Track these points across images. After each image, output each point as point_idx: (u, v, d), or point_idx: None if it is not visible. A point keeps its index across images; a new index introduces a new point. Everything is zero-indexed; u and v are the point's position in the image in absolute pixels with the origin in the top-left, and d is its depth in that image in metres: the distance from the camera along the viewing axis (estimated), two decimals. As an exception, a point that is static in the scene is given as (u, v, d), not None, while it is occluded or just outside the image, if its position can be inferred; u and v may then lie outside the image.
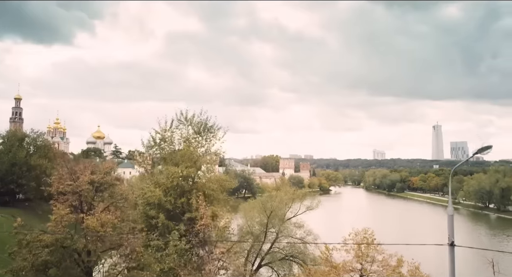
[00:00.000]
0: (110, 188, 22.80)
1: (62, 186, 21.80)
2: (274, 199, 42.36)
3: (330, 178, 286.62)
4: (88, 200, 22.80)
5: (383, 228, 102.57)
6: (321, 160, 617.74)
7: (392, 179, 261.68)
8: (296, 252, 42.36)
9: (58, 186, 21.98)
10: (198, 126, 35.57)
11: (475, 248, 53.29)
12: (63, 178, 22.38)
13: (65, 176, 22.58)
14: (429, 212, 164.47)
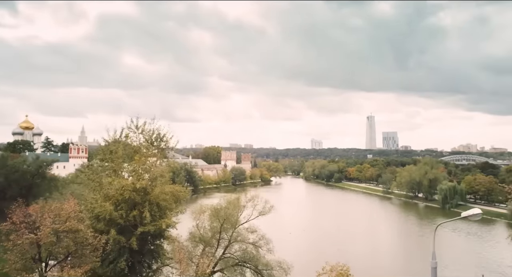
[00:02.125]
0: (73, 234, 20.69)
1: (20, 241, 19.26)
2: (228, 206, 41.72)
3: (271, 169, 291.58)
4: (51, 251, 20.52)
5: (325, 220, 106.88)
6: (261, 150, 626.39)
7: (331, 170, 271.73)
8: (248, 257, 42.31)
9: (16, 241, 19.41)
10: (149, 135, 33.91)
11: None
12: (20, 231, 19.81)
13: (21, 227, 19.94)
14: (365, 202, 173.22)
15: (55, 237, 20.02)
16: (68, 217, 20.89)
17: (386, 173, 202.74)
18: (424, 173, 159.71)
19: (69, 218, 20.86)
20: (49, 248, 20.58)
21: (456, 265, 55.56)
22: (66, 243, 20.58)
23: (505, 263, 57.04)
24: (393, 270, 61.23)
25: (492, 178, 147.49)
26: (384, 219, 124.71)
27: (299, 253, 66.20)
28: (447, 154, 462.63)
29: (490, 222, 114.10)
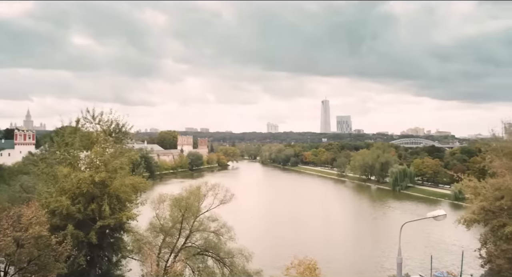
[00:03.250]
0: (35, 240, 19.31)
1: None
2: (189, 196, 41.25)
3: (228, 154, 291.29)
4: (12, 259, 19.04)
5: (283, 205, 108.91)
6: (217, 134, 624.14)
7: (287, 154, 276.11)
8: (210, 246, 42.33)
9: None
10: (107, 125, 32.57)
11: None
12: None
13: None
14: (321, 185, 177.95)
15: (16, 245, 18.81)
16: (30, 224, 19.62)
17: (340, 157, 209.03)
18: (377, 157, 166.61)
19: (31, 225, 19.60)
20: (10, 258, 19.32)
21: (407, 246, 58.62)
22: (27, 249, 19.41)
23: (450, 242, 61.01)
24: (349, 254, 63.76)
25: (438, 161, 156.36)
26: (339, 202, 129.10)
27: (259, 239, 67.10)
28: (397, 138, 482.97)
29: (436, 202, 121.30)
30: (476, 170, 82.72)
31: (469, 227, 34.41)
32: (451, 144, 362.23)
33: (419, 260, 51.76)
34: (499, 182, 31.64)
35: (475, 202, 34.92)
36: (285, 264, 25.40)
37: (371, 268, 53.86)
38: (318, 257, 29.56)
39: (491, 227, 32.17)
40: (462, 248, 46.27)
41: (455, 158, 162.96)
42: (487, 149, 38.90)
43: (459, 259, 46.73)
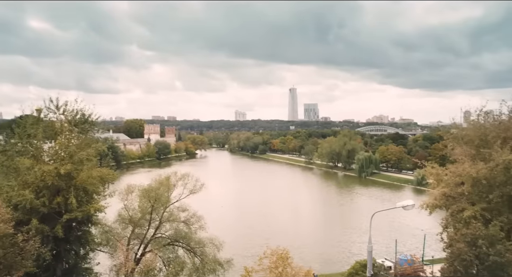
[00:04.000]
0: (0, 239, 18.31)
1: None
2: (158, 186, 40.71)
3: (196, 142, 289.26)
4: None
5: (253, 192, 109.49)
6: (185, 122, 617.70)
7: (255, 142, 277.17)
8: (180, 236, 42.14)
9: None
10: (72, 116, 31.39)
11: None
12: None
13: None
14: (289, 172, 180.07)
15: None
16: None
17: (308, 144, 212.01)
18: (343, 144, 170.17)
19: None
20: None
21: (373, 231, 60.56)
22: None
23: (413, 226, 63.44)
24: (318, 240, 65.11)
25: (401, 148, 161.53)
26: (307, 189, 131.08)
27: (230, 228, 67.40)
28: (362, 125, 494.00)
29: (400, 188, 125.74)
30: (437, 157, 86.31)
31: (432, 212, 35.91)
32: (414, 131, 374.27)
33: (384, 244, 53.65)
34: (460, 169, 33.00)
35: (437, 188, 36.41)
36: (256, 253, 25.69)
37: (339, 254, 55.33)
38: (288, 245, 30.00)
39: (451, 212, 33.64)
40: (425, 232, 48.31)
41: (417, 145, 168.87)
42: (448, 137, 40.47)
43: (422, 242, 48.82)
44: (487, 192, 31.82)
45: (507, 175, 30.00)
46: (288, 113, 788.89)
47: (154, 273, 34.06)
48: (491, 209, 31.22)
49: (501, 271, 20.31)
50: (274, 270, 22.91)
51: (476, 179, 30.99)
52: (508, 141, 33.39)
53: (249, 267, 24.77)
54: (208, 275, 41.34)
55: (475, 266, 20.73)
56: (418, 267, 40.30)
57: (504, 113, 36.35)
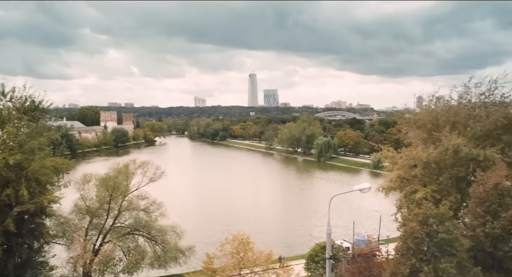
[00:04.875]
0: None
1: None
2: (116, 175, 39.67)
3: (155, 129, 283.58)
4: None
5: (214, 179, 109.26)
6: (143, 109, 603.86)
7: (215, 128, 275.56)
8: (140, 225, 41.53)
9: None
10: (21, 103, 29.72)
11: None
12: None
13: None
14: (249, 158, 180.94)
15: None
16: None
17: (268, 130, 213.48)
18: (303, 129, 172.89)
19: None
20: None
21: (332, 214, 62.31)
22: None
23: (370, 208, 65.88)
24: (279, 225, 66.19)
25: (359, 132, 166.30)
26: (267, 174, 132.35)
27: (191, 215, 67.12)
28: (321, 110, 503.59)
29: (358, 171, 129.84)
30: (392, 141, 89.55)
31: (387, 194, 37.38)
32: (370, 116, 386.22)
33: (343, 226, 55.37)
34: (413, 152, 34.42)
35: (392, 170, 37.87)
36: (218, 240, 25.76)
37: (300, 237, 56.59)
38: (250, 230, 30.31)
39: (405, 193, 35.18)
40: (380, 214, 50.30)
41: (374, 130, 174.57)
42: (401, 122, 42.04)
43: (378, 223, 50.83)
44: (437, 174, 33.47)
45: (455, 158, 31.60)
46: (248, 99, 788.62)
47: (114, 263, 33.36)
48: (441, 190, 32.91)
49: (449, 247, 21.54)
50: (236, 255, 23.11)
51: (427, 162, 32.45)
52: (457, 125, 35.13)
53: (211, 254, 24.81)
54: (169, 263, 41.18)
55: (426, 243, 21.83)
56: (374, 246, 41.98)
57: (454, 99, 38.13)
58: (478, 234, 23.05)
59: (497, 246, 22.89)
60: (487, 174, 24.85)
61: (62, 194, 32.07)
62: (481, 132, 33.97)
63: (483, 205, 23.65)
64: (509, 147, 33.85)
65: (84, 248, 34.55)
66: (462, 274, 20.99)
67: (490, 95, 36.21)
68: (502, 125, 33.22)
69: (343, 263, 32.21)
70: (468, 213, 25.73)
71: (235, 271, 22.60)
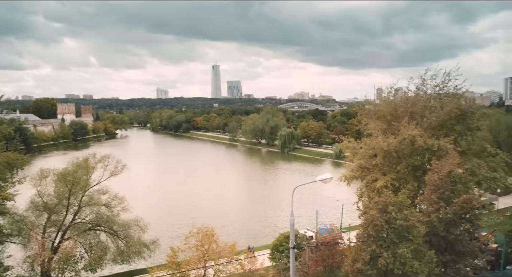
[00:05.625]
0: None
1: None
2: (76, 169, 38.40)
3: (116, 122, 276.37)
4: None
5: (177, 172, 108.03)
6: (103, 101, 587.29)
7: (178, 120, 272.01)
8: (102, 220, 40.49)
9: None
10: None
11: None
12: None
13: None
14: (213, 150, 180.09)
15: None
16: None
17: (232, 121, 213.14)
18: (266, 121, 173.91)
19: None
20: None
21: (297, 204, 63.29)
22: None
23: (333, 197, 67.35)
24: (244, 217, 66.51)
25: (321, 123, 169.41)
26: (232, 166, 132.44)
27: (155, 209, 66.24)
28: (284, 102, 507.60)
29: (321, 161, 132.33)
30: (353, 131, 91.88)
31: (349, 184, 38.43)
32: (333, 107, 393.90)
33: (307, 216, 56.48)
34: (373, 142, 35.51)
35: (353, 160, 38.93)
36: (183, 233, 25.61)
37: (265, 228, 57.15)
38: (215, 223, 30.35)
39: (366, 182, 36.32)
40: (342, 203, 51.67)
41: (336, 121, 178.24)
42: (361, 113, 43.20)
43: (340, 212, 52.23)
44: (396, 163, 34.77)
45: (412, 148, 32.90)
46: (211, 91, 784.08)
47: (75, 261, 32.39)
48: (399, 178, 34.26)
49: (407, 233, 22.51)
50: (200, 248, 23.09)
51: (387, 151, 33.59)
52: (415, 116, 36.55)
53: (175, 247, 24.63)
54: (133, 257, 40.52)
55: (385, 230, 22.66)
56: (337, 234, 43.12)
57: (411, 90, 39.59)
58: (433, 220, 24.16)
59: (450, 230, 24.10)
60: (441, 163, 26.02)
61: (16, 190, 30.73)
62: (436, 122, 35.51)
63: (437, 192, 24.77)
64: (461, 136, 35.66)
65: (42, 246, 33.29)
66: (418, 258, 21.99)
67: (444, 87, 37.91)
68: (455, 115, 34.87)
69: (306, 251, 32.93)
70: (424, 200, 26.84)
71: (200, 264, 22.59)
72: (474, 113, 35.88)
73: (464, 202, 24.00)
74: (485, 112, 37.74)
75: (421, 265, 21.63)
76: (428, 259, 22.19)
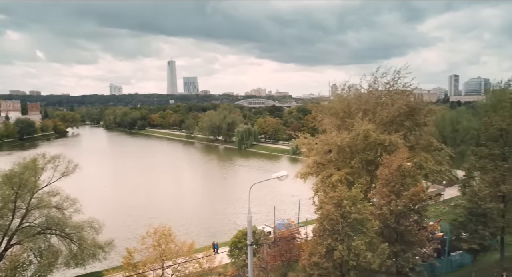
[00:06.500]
0: None
1: None
2: (22, 171, 36.49)
3: (67, 119, 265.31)
4: None
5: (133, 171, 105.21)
6: (52, 97, 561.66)
7: (133, 117, 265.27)
8: (53, 223, 38.84)
9: None
10: None
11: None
12: None
13: None
14: (170, 148, 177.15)
15: None
16: None
17: (188, 118, 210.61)
18: (223, 117, 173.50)
19: None
20: None
21: (255, 201, 63.75)
22: None
23: (292, 193, 68.27)
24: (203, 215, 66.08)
25: (278, 119, 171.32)
26: (189, 164, 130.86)
27: (111, 209, 64.34)
28: (241, 98, 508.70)
29: (278, 157, 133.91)
30: (309, 128, 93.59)
31: (306, 179, 39.17)
32: (289, 104, 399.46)
33: (265, 212, 56.94)
34: (328, 138, 36.40)
35: (309, 156, 39.73)
36: (141, 233, 25.07)
37: (224, 226, 57.07)
38: (174, 222, 30.02)
39: (321, 177, 37.20)
40: (300, 198, 52.56)
41: (292, 117, 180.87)
42: (315, 110, 44.12)
43: (298, 207, 53.14)
44: (350, 158, 35.88)
45: (365, 143, 34.09)
46: (167, 87, 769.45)
47: (24, 267, 30.76)
48: (353, 173, 35.40)
49: (360, 226, 23.35)
50: (157, 248, 22.74)
51: (341, 146, 34.58)
52: (367, 112, 37.80)
53: (131, 248, 24.09)
54: (87, 260, 39.25)
55: (340, 223, 23.33)
56: (294, 229, 43.95)
57: (364, 88, 40.97)
58: (384, 212, 25.21)
59: (400, 221, 25.27)
60: (391, 158, 27.14)
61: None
62: (387, 119, 36.94)
63: (388, 185, 25.85)
64: (410, 132, 37.40)
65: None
66: (371, 249, 22.89)
67: (394, 84, 39.48)
68: (405, 112, 36.46)
69: (265, 247, 33.29)
70: (376, 194, 27.89)
71: (157, 264, 22.25)
72: (421, 110, 37.71)
73: (413, 194, 25.24)
74: (431, 108, 39.80)
75: (374, 256, 22.52)
76: (381, 251, 23.14)
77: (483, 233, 29.19)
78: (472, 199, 30.17)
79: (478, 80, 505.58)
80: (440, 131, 72.16)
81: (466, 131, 72.48)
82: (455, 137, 77.35)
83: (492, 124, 32.70)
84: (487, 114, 35.73)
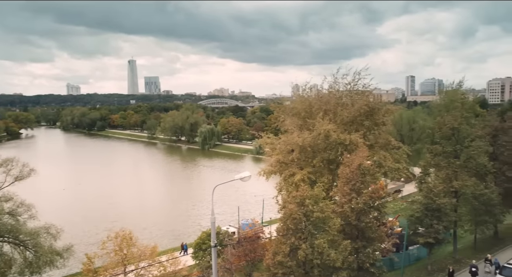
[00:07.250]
0: None
1: None
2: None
3: (20, 120, 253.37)
4: None
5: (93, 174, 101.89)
6: (3, 97, 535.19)
7: (92, 118, 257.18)
8: (5, 230, 36.91)
9: None
10: None
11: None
12: None
13: None
14: (131, 149, 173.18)
15: None
16: None
17: (150, 119, 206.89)
18: (186, 117, 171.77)
19: None
20: None
21: (220, 202, 63.60)
22: None
23: (256, 193, 68.63)
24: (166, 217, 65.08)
25: (241, 119, 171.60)
26: (152, 165, 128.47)
27: (70, 214, 62.06)
28: (204, 98, 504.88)
29: (242, 157, 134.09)
30: (273, 127, 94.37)
31: (268, 178, 39.45)
32: (252, 104, 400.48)
33: (230, 213, 56.97)
34: (290, 138, 36.82)
35: (272, 156, 40.01)
36: (102, 238, 24.38)
37: (189, 228, 56.47)
38: (137, 225, 29.39)
39: (284, 176, 37.56)
40: (264, 197, 52.90)
41: (255, 117, 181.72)
42: (278, 111, 44.49)
43: (262, 207, 53.45)
44: (312, 158, 36.42)
45: (326, 142, 34.73)
46: (128, 87, 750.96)
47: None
48: (315, 172, 35.96)
49: (323, 224, 23.82)
50: (119, 252, 22.18)
51: (303, 146, 35.05)
52: (328, 113, 38.52)
53: (91, 253, 23.37)
54: (44, 268, 37.61)
55: (303, 222, 23.66)
56: (258, 229, 44.21)
57: (325, 88, 41.72)
58: (346, 210, 25.83)
59: (360, 218, 25.97)
60: (352, 156, 27.85)
61: None
62: (348, 118, 37.76)
63: (349, 183, 26.50)
64: (369, 131, 38.45)
65: None
66: (334, 247, 23.40)
67: (355, 85, 40.43)
68: (364, 111, 37.42)
69: (229, 248, 33.24)
70: (337, 192, 28.50)
71: (119, 269, 21.70)
72: (380, 109, 38.84)
73: (373, 192, 26.04)
74: (389, 108, 41.05)
75: (337, 253, 23.02)
76: (343, 248, 23.69)
77: (438, 227, 30.67)
78: (427, 195, 31.62)
79: (432, 81, 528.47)
80: (398, 130, 74.86)
81: (422, 130, 75.47)
82: (412, 136, 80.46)
83: (445, 123, 34.42)
84: (441, 113, 37.54)
